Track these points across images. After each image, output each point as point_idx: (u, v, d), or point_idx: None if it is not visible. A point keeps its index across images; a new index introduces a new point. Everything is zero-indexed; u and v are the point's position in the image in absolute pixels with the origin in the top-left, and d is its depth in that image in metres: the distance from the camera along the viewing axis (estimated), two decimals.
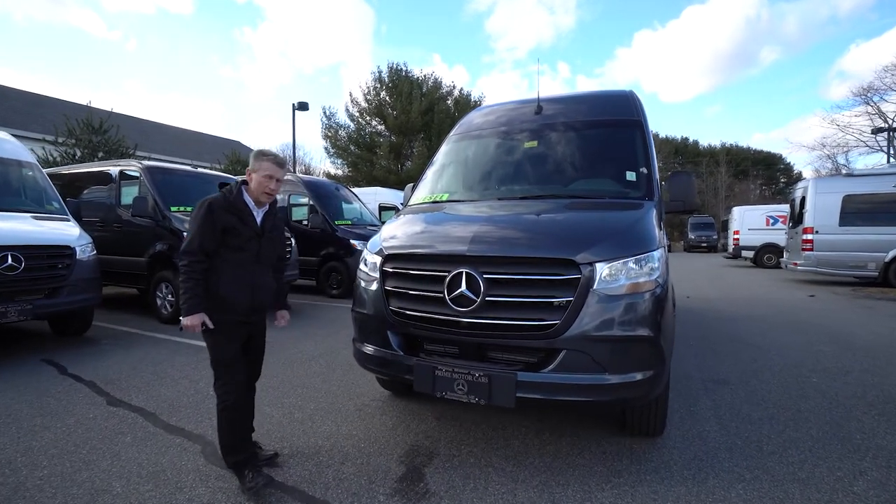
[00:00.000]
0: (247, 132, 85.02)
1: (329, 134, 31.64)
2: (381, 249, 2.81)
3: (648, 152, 3.31)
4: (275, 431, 2.99)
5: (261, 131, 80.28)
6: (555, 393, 2.23)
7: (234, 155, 19.33)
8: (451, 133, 4.29)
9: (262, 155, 2.39)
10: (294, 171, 15.31)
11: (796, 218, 12.00)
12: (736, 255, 18.65)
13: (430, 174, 3.93)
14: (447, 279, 2.40)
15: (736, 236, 18.46)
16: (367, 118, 31.14)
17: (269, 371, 4.26)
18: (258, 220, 2.39)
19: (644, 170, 3.21)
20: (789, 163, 59.89)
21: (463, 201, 3.37)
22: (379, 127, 31.04)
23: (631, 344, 2.26)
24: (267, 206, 2.45)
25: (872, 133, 23.35)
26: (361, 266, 2.96)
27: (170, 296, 6.61)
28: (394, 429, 3.03)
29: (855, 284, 11.47)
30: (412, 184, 4.09)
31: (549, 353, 2.30)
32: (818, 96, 76.14)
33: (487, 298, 2.32)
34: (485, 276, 2.34)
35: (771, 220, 17.74)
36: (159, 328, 6.20)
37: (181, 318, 2.21)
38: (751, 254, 17.88)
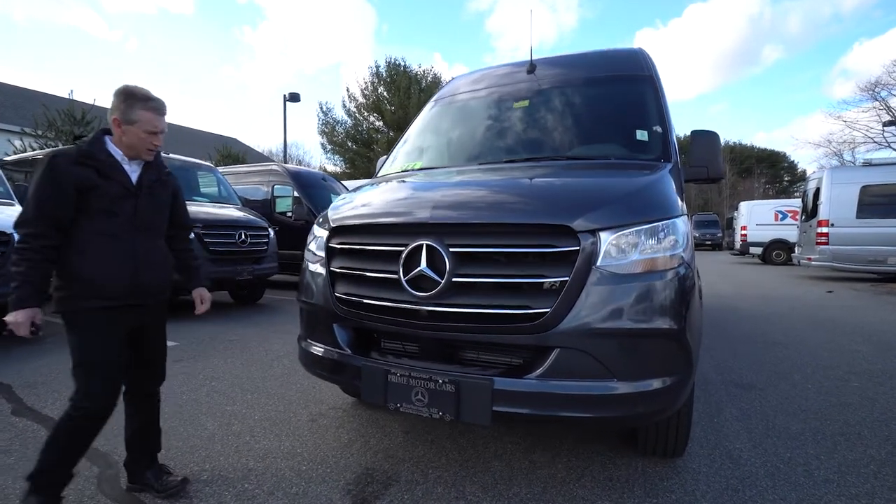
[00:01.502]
0: (247, 131, 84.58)
1: (326, 130, 31.10)
2: (326, 221, 2.24)
3: (663, 110, 2.72)
4: (201, 448, 2.41)
5: (261, 130, 79.81)
6: (544, 406, 1.64)
7: (226, 150, 18.78)
8: (431, 99, 3.72)
9: (136, 99, 1.76)
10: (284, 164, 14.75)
11: (810, 211, 11.37)
12: (743, 251, 18.00)
13: (403, 144, 3.35)
14: (403, 255, 1.82)
15: (743, 232, 17.81)
16: (365, 114, 30.59)
17: (222, 372, 3.70)
18: (131, 174, 1.82)
19: (658, 129, 2.62)
20: (793, 161, 59.22)
21: (437, 168, 2.79)
22: (377, 123, 30.48)
23: (647, 340, 1.68)
24: (144, 161, 1.88)
25: (884, 126, 22.68)
26: (308, 244, 2.38)
27: None
28: (349, 445, 2.45)
29: (874, 280, 10.84)
30: (385, 156, 3.52)
31: (536, 352, 1.72)
32: (821, 95, 75.38)
33: (455, 280, 1.74)
34: (452, 249, 1.76)
35: (780, 215, 17.10)
36: None
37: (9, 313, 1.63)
38: (759, 250, 17.23)
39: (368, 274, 1.96)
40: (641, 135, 2.60)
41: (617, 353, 1.65)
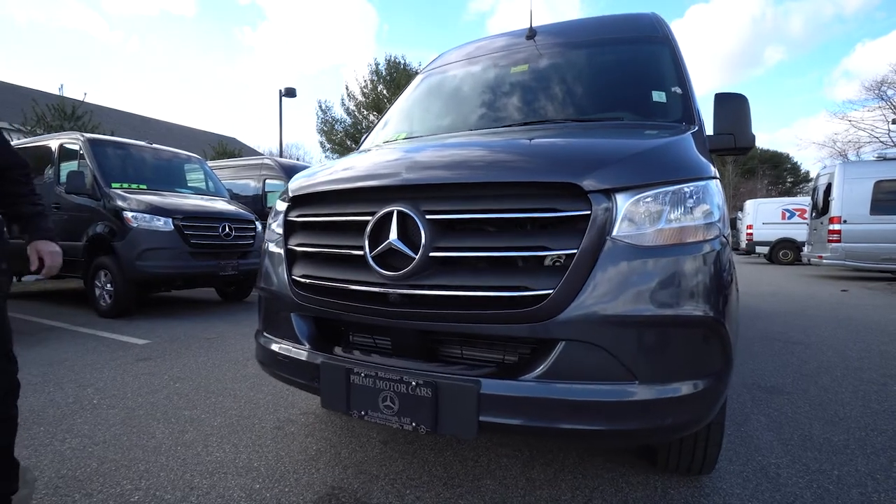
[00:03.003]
0: (248, 131, 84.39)
1: (325, 129, 30.75)
2: (286, 192, 1.88)
3: (682, 71, 2.36)
4: (141, 461, 2.05)
5: (262, 130, 79.60)
6: (545, 416, 1.28)
7: (221, 146, 18.47)
8: (420, 70, 3.37)
9: None
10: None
11: (821, 207, 10.98)
12: (749, 250, 17.59)
13: (387, 117, 2.99)
14: (369, 226, 1.46)
15: (749, 231, 17.40)
16: (364, 112, 30.24)
17: (190, 373, 3.34)
18: None
19: (677, 89, 2.26)
20: (796, 162, 58.78)
21: (420, 137, 2.43)
22: (376, 122, 30.13)
23: (677, 332, 1.32)
24: None
25: (894, 123, 22.29)
26: (269, 222, 2.02)
27: (108, 285, 5.70)
28: (315, 458, 2.08)
29: (890, 279, 10.44)
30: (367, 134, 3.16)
31: (536, 346, 1.36)
32: (824, 96, 74.86)
33: (432, 255, 1.38)
34: (429, 217, 1.40)
35: (787, 214, 16.69)
36: (92, 322, 5.28)
37: None
38: (765, 249, 16.82)
39: (329, 251, 1.60)
40: (658, 96, 2.24)
41: (639, 347, 1.29)
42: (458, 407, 1.31)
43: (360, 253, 1.47)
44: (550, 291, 1.27)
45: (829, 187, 10.50)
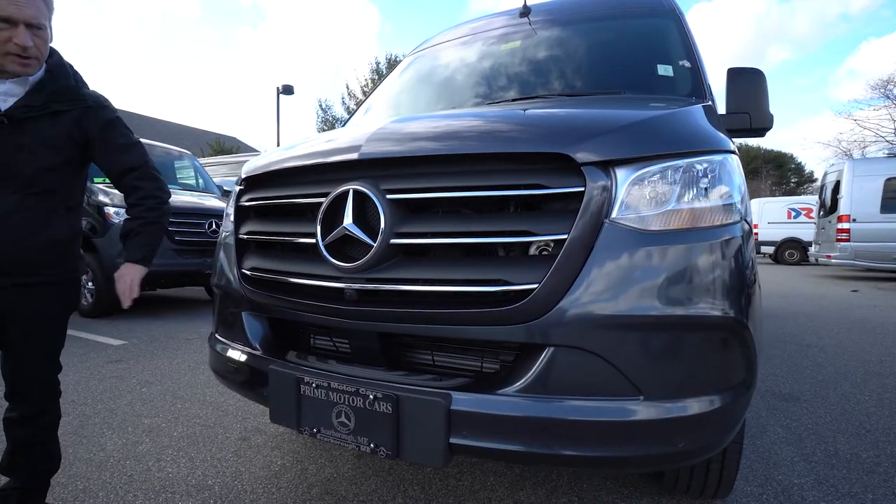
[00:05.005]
0: (249, 131, 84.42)
1: (325, 128, 30.57)
2: (239, 175, 1.65)
3: (691, 45, 2.12)
4: (81, 477, 1.82)
5: (263, 130, 79.63)
6: (529, 439, 1.05)
7: (218, 144, 18.30)
8: (408, 53, 3.14)
9: None
10: None
11: (829, 206, 10.69)
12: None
13: (368, 102, 2.77)
14: (322, 208, 1.23)
15: (754, 230, 17.10)
16: None
17: (161, 376, 3.12)
18: (0, 99, 1.22)
19: (686, 63, 2.02)
20: (800, 162, 58.33)
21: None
22: None
23: (690, 336, 1.08)
24: (32, 80, 1.25)
25: None
26: (225, 209, 1.80)
27: (90, 283, 5.49)
28: (278, 475, 1.85)
29: None
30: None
31: (519, 353, 1.12)
32: (828, 95, 74.27)
33: (394, 242, 1.14)
34: (389, 197, 1.16)
35: (793, 213, 16.38)
36: (71, 321, 5.03)
37: None
38: (770, 249, 16.51)
39: (280, 239, 1.37)
40: (664, 69, 2.00)
41: (644, 355, 1.05)
42: (424, 426, 1.07)
43: (312, 241, 1.24)
44: (534, 286, 1.03)
45: (837, 185, 10.22)
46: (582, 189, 1.06)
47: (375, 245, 1.13)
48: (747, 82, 2.02)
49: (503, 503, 1.66)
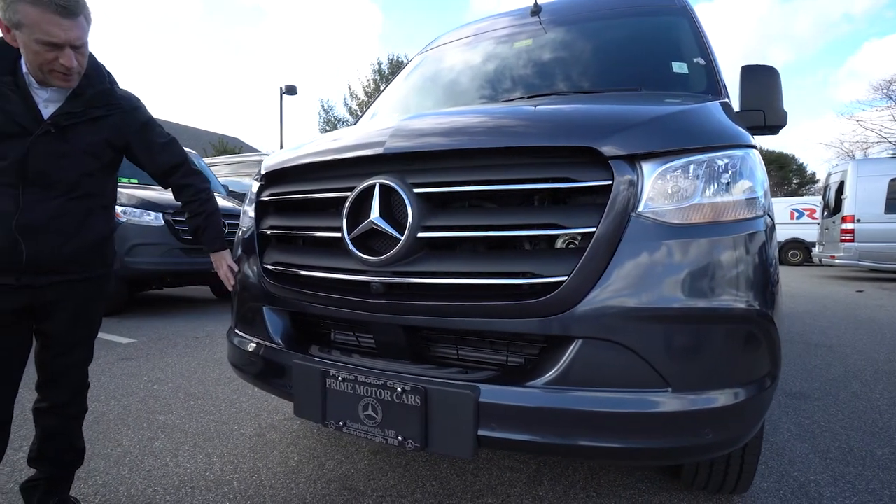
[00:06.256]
0: (251, 132, 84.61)
1: (327, 128, 30.62)
2: (259, 170, 1.66)
3: (704, 42, 2.13)
4: (100, 473, 1.83)
5: (265, 131, 79.81)
6: (558, 431, 1.05)
7: (222, 145, 18.33)
8: (418, 52, 3.15)
9: None
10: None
11: (833, 206, 10.69)
12: None
13: (378, 101, 2.78)
14: (347, 202, 1.24)
15: None
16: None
17: (171, 374, 3.13)
18: (42, 105, 1.24)
19: (700, 60, 2.03)
20: (802, 163, 58.27)
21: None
22: None
23: (720, 328, 1.09)
24: (74, 90, 1.27)
25: None
26: (244, 205, 1.81)
27: None
28: (296, 471, 1.86)
29: None
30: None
31: (546, 345, 1.13)
32: (830, 96, 74.16)
33: (421, 236, 1.15)
34: (417, 191, 1.17)
35: (796, 214, 16.36)
36: None
37: None
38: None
39: (303, 233, 1.38)
40: (679, 67, 2.01)
41: (672, 348, 1.06)
42: (453, 418, 1.08)
43: (338, 235, 1.25)
44: (564, 278, 1.04)
45: (841, 186, 10.21)
46: (610, 182, 1.07)
47: (403, 238, 1.14)
48: (761, 80, 2.03)
49: (522, 498, 1.67)
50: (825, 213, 11.33)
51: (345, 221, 1.22)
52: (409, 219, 1.14)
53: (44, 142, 1.24)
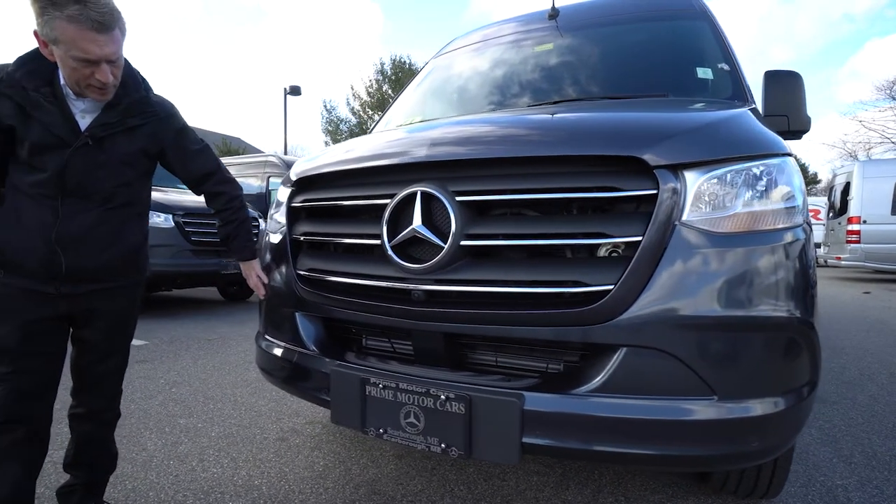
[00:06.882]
0: (253, 132, 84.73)
1: (330, 129, 30.60)
2: (288, 177, 1.67)
3: (727, 47, 2.14)
4: (129, 477, 1.84)
5: (267, 131, 79.90)
6: (604, 438, 1.06)
7: (225, 146, 18.35)
8: (432, 56, 3.15)
9: (53, 3, 1.09)
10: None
11: (838, 208, 10.69)
12: None
13: (394, 106, 2.78)
14: (387, 210, 1.24)
15: None
16: (370, 112, 30.10)
17: (188, 377, 3.14)
18: (79, 116, 1.24)
19: (724, 66, 2.03)
20: (804, 163, 58.30)
21: (437, 119, 2.21)
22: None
23: (764, 336, 1.10)
24: (110, 100, 1.27)
25: None
26: (271, 213, 1.82)
27: None
28: (323, 475, 1.87)
29: None
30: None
31: (589, 353, 1.14)
32: (831, 97, 73.99)
33: (465, 244, 1.16)
34: (459, 199, 1.18)
35: None
36: None
37: None
38: None
39: (341, 240, 1.39)
40: (704, 72, 2.01)
41: (718, 356, 1.07)
42: (498, 426, 1.09)
43: (377, 242, 1.26)
44: (611, 287, 1.05)
45: (847, 187, 10.21)
46: (655, 192, 1.07)
47: (446, 247, 1.15)
48: (785, 85, 2.03)
49: (551, 502, 1.68)
50: (830, 215, 11.33)
51: (385, 229, 1.23)
52: (453, 227, 1.15)
53: (81, 153, 1.24)
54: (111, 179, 1.30)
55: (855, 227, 9.77)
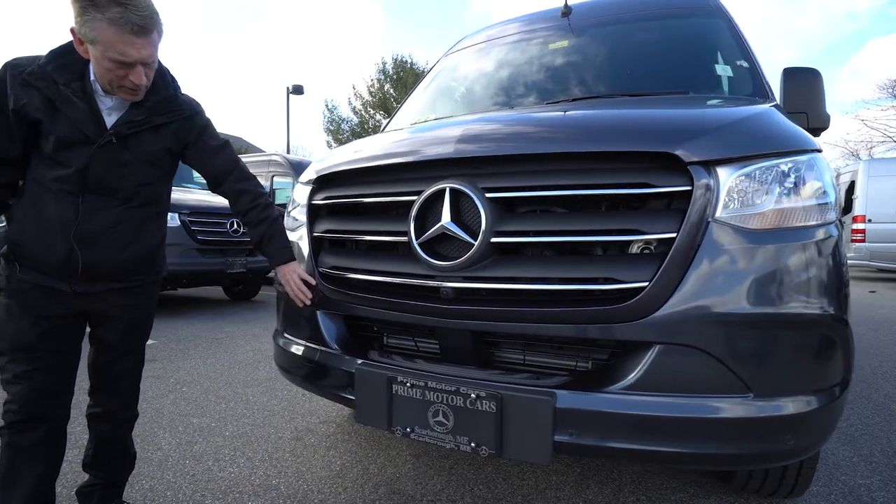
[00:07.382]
0: (254, 132, 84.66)
1: (331, 128, 30.59)
2: (310, 174, 1.66)
3: (745, 45, 2.12)
4: (145, 477, 1.83)
5: (269, 131, 79.92)
6: (638, 437, 1.05)
7: None
8: (443, 55, 3.13)
9: (94, 3, 1.07)
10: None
11: (843, 206, 10.65)
12: None
13: (406, 104, 2.76)
14: (415, 207, 1.23)
15: None
16: (371, 111, 30.08)
17: (198, 376, 3.13)
18: (106, 113, 1.22)
19: (744, 63, 2.02)
20: None
21: (456, 116, 2.20)
22: (383, 121, 29.92)
23: (798, 333, 1.08)
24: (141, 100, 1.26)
25: None
26: (288, 210, 1.80)
27: None
28: (341, 475, 1.86)
29: None
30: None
31: (622, 351, 1.12)
32: (833, 95, 73.77)
33: (495, 241, 1.15)
34: (489, 195, 1.17)
35: None
36: None
37: None
38: None
39: (365, 238, 1.38)
40: (723, 70, 2.00)
41: (753, 353, 1.05)
42: (529, 425, 1.08)
43: (404, 239, 1.24)
44: (645, 284, 1.04)
45: (851, 185, 10.19)
46: (689, 188, 1.06)
47: (476, 244, 1.14)
48: (805, 82, 2.02)
49: (572, 501, 1.66)
50: None
51: (412, 226, 1.22)
52: (483, 224, 1.13)
53: (105, 151, 1.22)
54: (134, 178, 1.28)
55: (860, 225, 9.74)
